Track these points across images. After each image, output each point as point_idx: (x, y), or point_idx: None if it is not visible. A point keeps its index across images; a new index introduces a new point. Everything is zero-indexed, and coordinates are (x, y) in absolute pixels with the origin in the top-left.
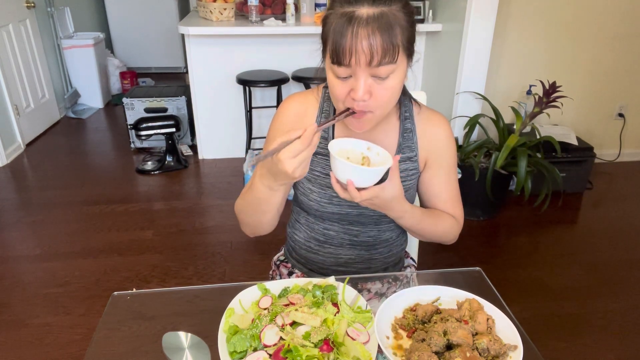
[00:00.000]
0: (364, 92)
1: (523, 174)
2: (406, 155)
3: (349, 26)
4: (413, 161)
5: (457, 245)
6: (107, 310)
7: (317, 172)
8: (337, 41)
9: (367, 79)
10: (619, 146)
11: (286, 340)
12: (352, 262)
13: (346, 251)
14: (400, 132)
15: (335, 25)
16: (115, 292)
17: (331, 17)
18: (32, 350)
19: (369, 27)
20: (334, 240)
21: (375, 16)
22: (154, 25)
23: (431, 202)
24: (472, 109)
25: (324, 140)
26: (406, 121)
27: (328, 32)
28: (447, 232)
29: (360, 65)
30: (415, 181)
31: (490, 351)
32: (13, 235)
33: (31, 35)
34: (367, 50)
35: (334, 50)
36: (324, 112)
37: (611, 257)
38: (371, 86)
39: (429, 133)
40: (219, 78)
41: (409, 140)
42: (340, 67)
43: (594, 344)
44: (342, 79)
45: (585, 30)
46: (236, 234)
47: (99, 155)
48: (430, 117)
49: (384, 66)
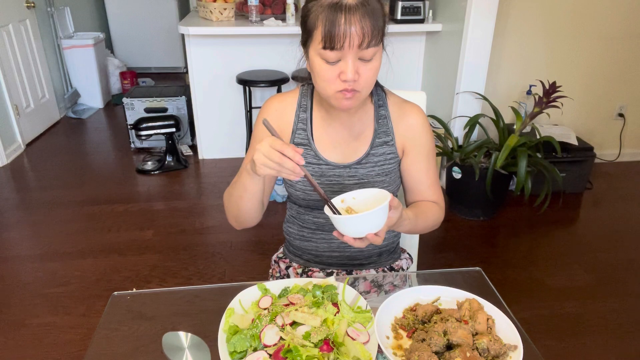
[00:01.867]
0: (354, 73)
1: (523, 174)
2: (382, 139)
3: (341, 14)
4: (390, 145)
5: (457, 245)
6: (107, 310)
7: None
8: (330, 28)
9: (355, 61)
10: (619, 146)
11: (286, 340)
12: (346, 247)
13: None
14: (375, 119)
15: (325, 14)
16: (115, 292)
17: (316, 8)
18: (32, 350)
19: (358, 12)
20: (325, 226)
21: (361, 2)
22: (154, 25)
23: (416, 189)
24: (472, 109)
25: (303, 131)
26: (380, 108)
27: (315, 21)
28: (435, 222)
29: (352, 48)
30: (395, 165)
31: (490, 351)
32: (13, 235)
33: (31, 35)
34: (359, 33)
35: (327, 37)
36: (301, 107)
37: (611, 257)
38: (358, 67)
39: (405, 121)
40: (219, 78)
41: (384, 125)
42: (332, 52)
43: (594, 344)
44: (331, 64)
45: (585, 31)
46: (236, 234)
47: (99, 155)
48: (402, 106)
49: (371, 48)
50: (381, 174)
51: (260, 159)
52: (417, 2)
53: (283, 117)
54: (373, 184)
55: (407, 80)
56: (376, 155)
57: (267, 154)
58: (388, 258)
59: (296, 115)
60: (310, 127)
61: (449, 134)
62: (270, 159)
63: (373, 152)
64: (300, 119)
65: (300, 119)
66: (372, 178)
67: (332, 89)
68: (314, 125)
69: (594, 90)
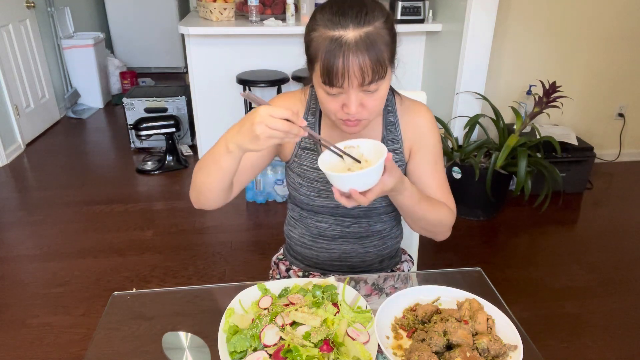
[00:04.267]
0: (357, 106)
1: (523, 174)
2: (390, 147)
3: (339, 52)
4: (398, 153)
5: (457, 245)
6: (107, 310)
7: (305, 167)
8: (328, 66)
9: (358, 94)
10: (619, 146)
11: (286, 340)
12: (347, 256)
13: (339, 245)
14: (384, 125)
15: (324, 49)
16: (115, 292)
17: (317, 39)
18: (32, 350)
19: (358, 50)
20: (327, 232)
21: (362, 39)
22: (154, 25)
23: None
24: (472, 109)
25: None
26: (389, 114)
27: (316, 54)
28: (442, 221)
29: (352, 87)
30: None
31: (490, 351)
32: (13, 235)
33: (31, 35)
34: (358, 73)
35: (325, 74)
36: (310, 110)
37: (611, 257)
38: (362, 99)
39: (412, 122)
40: (219, 78)
41: (393, 132)
42: (333, 88)
43: (594, 344)
44: (332, 96)
45: (585, 30)
46: (236, 234)
47: (99, 155)
48: (410, 107)
49: (374, 83)
50: None
51: (265, 131)
52: (417, 2)
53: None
54: None
55: (407, 80)
56: None
57: (272, 125)
58: (389, 263)
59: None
60: (318, 132)
61: (449, 134)
62: (277, 128)
63: None
64: (308, 122)
65: (309, 122)
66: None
67: (336, 117)
68: (323, 131)
69: (594, 90)
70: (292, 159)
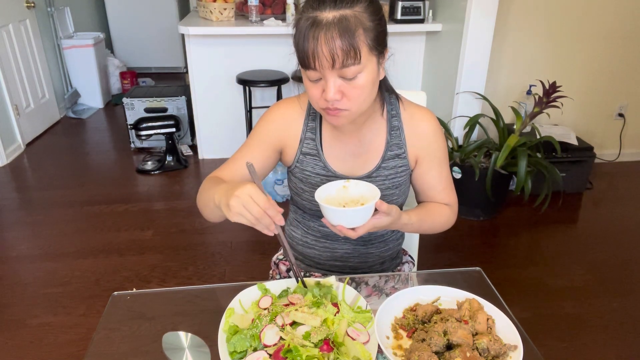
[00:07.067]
0: (334, 93)
1: (523, 174)
2: (394, 152)
3: (310, 31)
4: (402, 158)
5: (457, 245)
6: (107, 310)
7: (307, 172)
8: (301, 46)
9: (336, 80)
10: (619, 146)
11: (286, 340)
12: (349, 257)
13: (342, 245)
14: (388, 130)
15: (300, 30)
16: (115, 292)
17: (297, 22)
18: (32, 350)
19: (328, 31)
20: (330, 235)
21: (335, 20)
22: (154, 25)
23: (428, 194)
24: (472, 109)
25: (312, 141)
26: (393, 119)
27: (294, 35)
28: (444, 225)
29: (324, 68)
30: (405, 177)
31: (490, 351)
32: (13, 235)
33: (31, 35)
34: (327, 53)
35: (299, 55)
36: (311, 115)
37: (611, 257)
38: (341, 86)
39: (417, 130)
40: (219, 78)
41: (397, 137)
42: (309, 71)
43: (594, 344)
44: (314, 82)
45: (585, 30)
46: (236, 234)
47: (99, 155)
48: (415, 113)
49: (348, 67)
50: (391, 187)
51: (236, 207)
52: (417, 2)
53: (290, 125)
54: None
55: (407, 80)
56: (387, 169)
57: (246, 205)
58: (391, 264)
59: (305, 124)
60: (319, 137)
61: (449, 134)
62: (249, 210)
63: (384, 166)
64: (309, 127)
65: (309, 127)
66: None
67: (318, 106)
68: (324, 136)
69: (594, 90)
70: (295, 164)
